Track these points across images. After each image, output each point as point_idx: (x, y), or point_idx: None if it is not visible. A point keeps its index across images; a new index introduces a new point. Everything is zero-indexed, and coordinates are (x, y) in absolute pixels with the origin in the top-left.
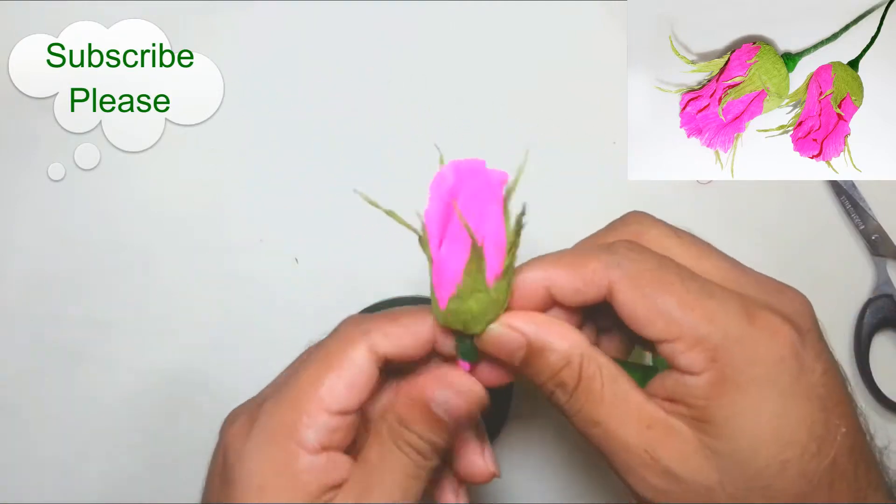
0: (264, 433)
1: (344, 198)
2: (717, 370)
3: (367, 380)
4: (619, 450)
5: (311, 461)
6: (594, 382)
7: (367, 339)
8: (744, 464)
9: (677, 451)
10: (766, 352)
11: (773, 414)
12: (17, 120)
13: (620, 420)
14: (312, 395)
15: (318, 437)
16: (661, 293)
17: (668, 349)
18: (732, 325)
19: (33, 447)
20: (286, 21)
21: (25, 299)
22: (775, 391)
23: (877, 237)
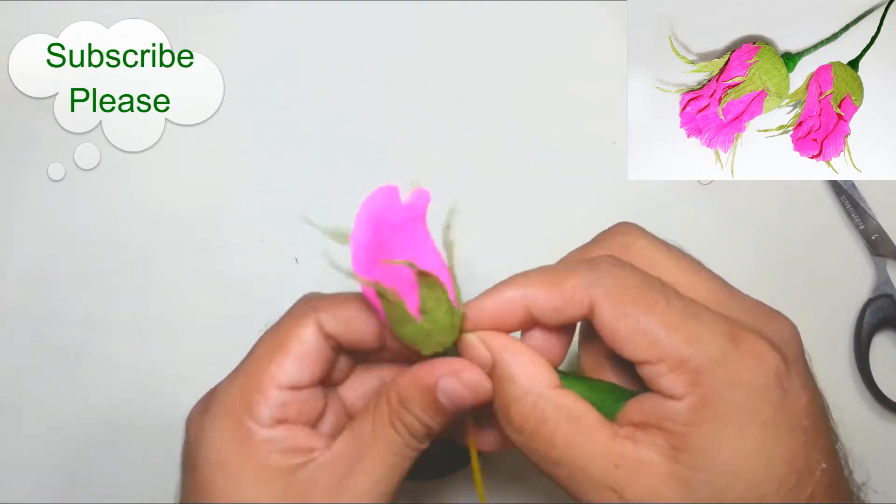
0: (220, 412)
1: (344, 198)
2: (698, 395)
3: (316, 356)
4: (584, 489)
5: (267, 434)
6: (549, 425)
7: (316, 317)
8: (717, 496)
9: (646, 488)
10: (749, 378)
11: (754, 446)
12: (17, 120)
13: (585, 459)
14: (263, 372)
15: (270, 411)
16: (643, 312)
17: (649, 371)
18: (716, 349)
19: (33, 447)
20: (286, 21)
21: (25, 299)
22: (757, 422)
23: (877, 237)
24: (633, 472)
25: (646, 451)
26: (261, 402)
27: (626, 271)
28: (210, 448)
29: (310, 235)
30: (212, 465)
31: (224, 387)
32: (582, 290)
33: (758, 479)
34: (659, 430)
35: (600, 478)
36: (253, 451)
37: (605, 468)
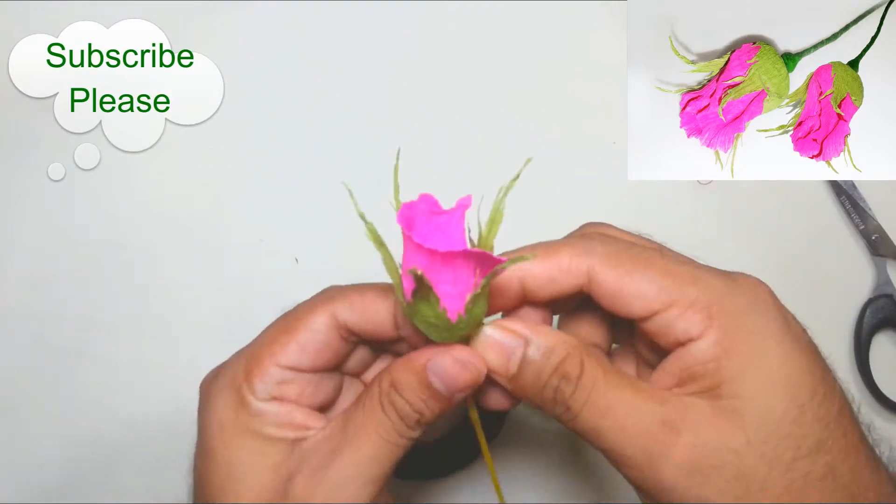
0: (224, 381)
1: (344, 198)
2: (717, 328)
3: (322, 344)
4: (635, 436)
5: (263, 407)
6: (598, 370)
7: (330, 306)
8: (765, 416)
9: (698, 419)
10: (754, 303)
11: (780, 360)
12: (17, 120)
13: (633, 403)
14: (266, 350)
15: (266, 387)
16: (643, 268)
17: (662, 320)
18: (718, 284)
19: (33, 447)
20: (286, 21)
21: (25, 299)
22: (774, 339)
23: (877, 237)
24: (682, 409)
25: (688, 398)
26: (259, 375)
27: (615, 240)
28: (213, 412)
29: (310, 235)
30: (212, 429)
31: (233, 360)
32: (578, 259)
33: (792, 388)
34: (692, 380)
35: (652, 417)
36: (249, 420)
37: (655, 408)
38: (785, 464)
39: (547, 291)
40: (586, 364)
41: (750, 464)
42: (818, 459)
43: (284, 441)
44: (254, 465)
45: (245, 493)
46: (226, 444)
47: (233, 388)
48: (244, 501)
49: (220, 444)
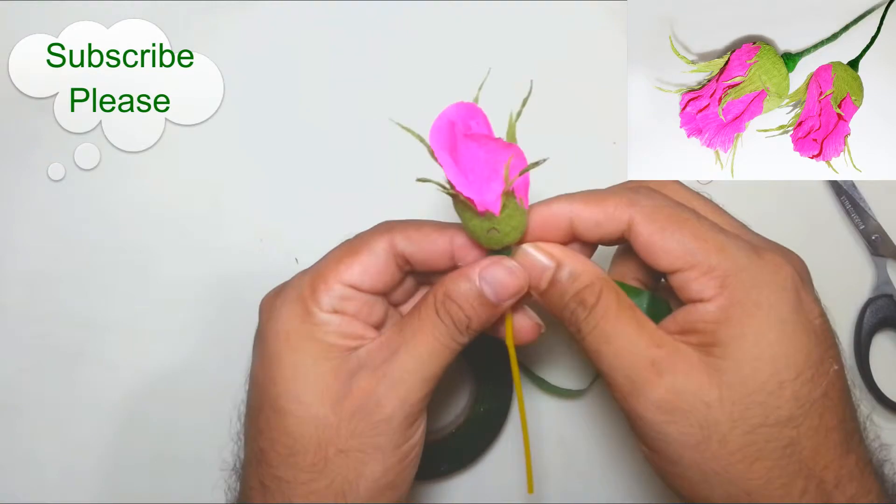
0: (290, 294)
1: (344, 198)
2: (725, 296)
3: (382, 267)
4: (627, 366)
5: (326, 318)
6: (611, 302)
7: (389, 236)
8: (744, 381)
9: (682, 368)
10: (770, 281)
11: (775, 337)
12: (17, 120)
13: (631, 338)
14: (331, 269)
15: (331, 301)
16: (676, 227)
17: (682, 278)
18: (741, 257)
19: (33, 447)
20: (286, 21)
21: (25, 299)
22: (777, 317)
23: (877, 237)
24: (672, 353)
25: (683, 345)
26: (324, 290)
27: (661, 197)
28: (279, 321)
29: (310, 235)
30: (278, 336)
31: (297, 278)
32: (622, 209)
33: (778, 365)
34: (693, 333)
35: (645, 353)
36: (313, 328)
37: (649, 346)
38: (749, 427)
39: (593, 234)
40: (603, 295)
41: (716, 417)
42: (783, 431)
43: (345, 348)
44: (317, 367)
45: (308, 392)
46: (292, 348)
47: (299, 300)
48: (307, 399)
49: (287, 349)
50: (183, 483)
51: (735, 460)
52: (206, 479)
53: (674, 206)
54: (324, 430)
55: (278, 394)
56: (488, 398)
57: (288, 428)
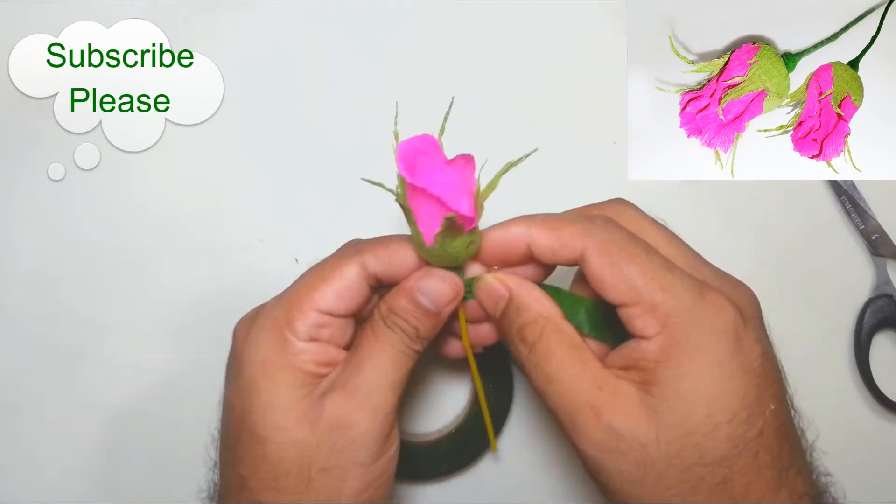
0: (265, 323)
1: (344, 198)
2: (667, 335)
3: (355, 292)
4: (568, 406)
5: (302, 346)
6: (554, 343)
7: (360, 258)
8: (680, 422)
9: (621, 410)
10: (710, 323)
11: (712, 380)
12: (17, 120)
13: (574, 380)
14: (305, 297)
15: (307, 329)
16: (626, 262)
17: (627, 313)
18: (685, 297)
19: (33, 447)
20: (286, 21)
21: (25, 299)
22: (715, 360)
23: (877, 237)
24: (612, 395)
25: (624, 383)
26: (300, 319)
27: (616, 228)
28: (255, 350)
29: (310, 235)
30: (254, 365)
31: (271, 305)
32: (577, 238)
33: (714, 408)
34: (635, 370)
35: (586, 395)
36: (290, 357)
37: (590, 389)
38: (684, 466)
39: (549, 258)
40: (545, 334)
41: (652, 457)
42: (717, 470)
43: (319, 374)
44: (294, 394)
45: (287, 417)
46: (269, 377)
47: (274, 329)
48: (286, 425)
49: (263, 378)
50: (183, 483)
51: (670, 495)
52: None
53: (626, 240)
54: (304, 451)
55: (256, 422)
56: (488, 399)
57: (269, 454)
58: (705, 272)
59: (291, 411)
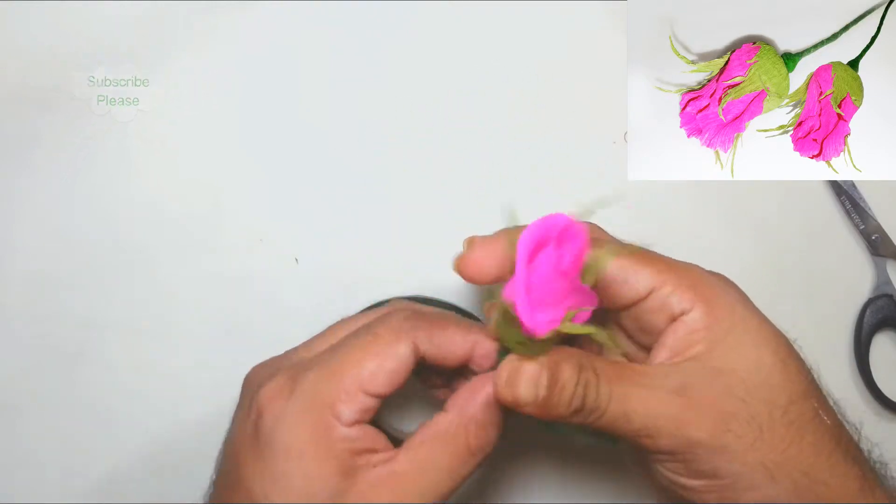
0: (304, 403)
1: (344, 198)
2: (703, 301)
3: (405, 373)
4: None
5: (345, 432)
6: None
7: (414, 337)
8: (756, 367)
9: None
10: (729, 289)
11: (758, 324)
12: (17, 120)
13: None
14: (354, 377)
15: (351, 413)
16: (641, 260)
17: (659, 297)
18: (697, 271)
19: (33, 447)
20: (286, 21)
21: (25, 299)
22: (749, 311)
23: (877, 237)
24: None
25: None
26: (347, 402)
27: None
28: (291, 435)
29: (310, 235)
30: (289, 450)
31: (312, 378)
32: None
33: (773, 345)
34: (686, 348)
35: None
36: (330, 447)
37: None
38: (782, 407)
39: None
40: (597, 366)
41: (755, 408)
42: (806, 403)
43: (358, 465)
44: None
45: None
46: (304, 470)
47: (315, 411)
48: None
49: (298, 470)
50: (183, 483)
51: (787, 444)
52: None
53: (631, 247)
54: None
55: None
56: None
57: None
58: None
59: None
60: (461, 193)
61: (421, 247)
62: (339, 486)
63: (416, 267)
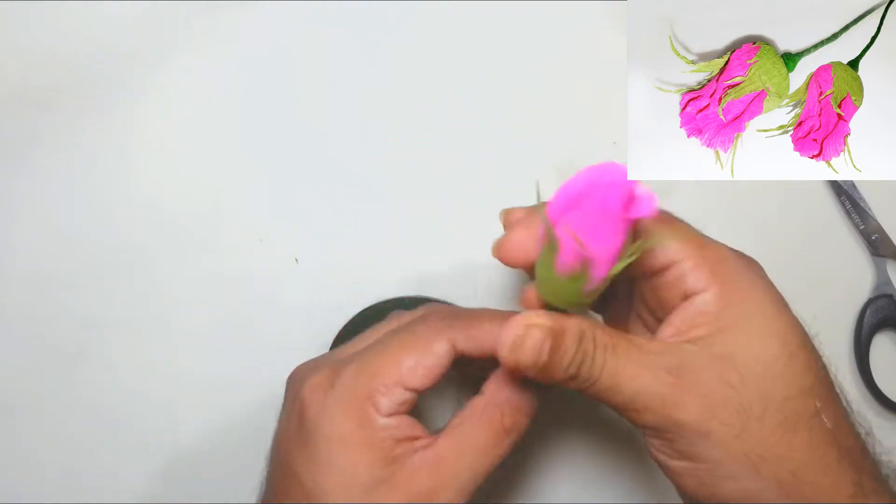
0: (345, 394)
1: (344, 198)
2: (719, 283)
3: (442, 369)
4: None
5: (385, 422)
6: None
7: (451, 335)
8: (757, 357)
9: (696, 364)
10: (752, 272)
11: (774, 313)
12: (17, 120)
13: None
14: (393, 372)
15: (390, 405)
16: (665, 229)
17: (677, 271)
18: (722, 251)
19: (33, 447)
20: (286, 21)
21: (25, 299)
22: (769, 297)
23: (877, 237)
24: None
25: (683, 344)
26: (385, 394)
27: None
28: (332, 424)
29: (310, 235)
30: (331, 437)
31: (352, 372)
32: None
33: (784, 337)
34: (693, 328)
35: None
36: (371, 434)
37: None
38: (778, 401)
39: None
40: (597, 336)
41: (748, 399)
42: (807, 401)
43: (399, 453)
44: (375, 474)
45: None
46: (348, 456)
47: (355, 403)
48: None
49: (342, 456)
50: (182, 483)
51: (776, 439)
52: (206, 479)
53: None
54: None
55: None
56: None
57: None
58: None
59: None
60: (461, 193)
61: (421, 247)
62: (384, 471)
63: (417, 267)
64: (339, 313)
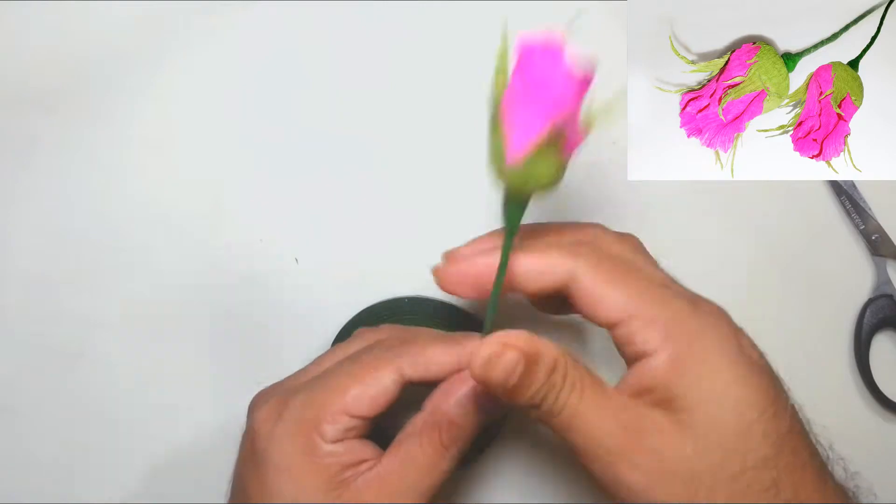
0: (292, 424)
1: (344, 197)
2: (671, 346)
3: (388, 398)
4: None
5: (330, 448)
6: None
7: (397, 364)
8: (712, 428)
9: (651, 428)
10: (711, 330)
11: (731, 378)
12: (17, 120)
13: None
14: (338, 401)
15: (335, 432)
16: (619, 279)
17: (625, 330)
18: (680, 308)
19: (33, 447)
20: (286, 21)
21: (25, 299)
22: (725, 361)
23: (877, 237)
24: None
25: (644, 408)
26: (331, 422)
27: (602, 252)
28: (280, 453)
29: (310, 235)
30: (279, 470)
31: (299, 402)
32: (565, 259)
33: (740, 407)
34: (648, 392)
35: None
36: (316, 461)
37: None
38: (731, 474)
39: (535, 284)
40: (569, 372)
41: (699, 470)
42: (764, 473)
43: (349, 475)
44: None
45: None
46: (295, 483)
47: (302, 432)
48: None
49: (289, 484)
50: (182, 483)
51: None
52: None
53: (615, 259)
54: None
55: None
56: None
57: None
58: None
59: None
60: (461, 193)
61: (421, 247)
62: (330, 495)
63: (416, 267)
64: (339, 313)
